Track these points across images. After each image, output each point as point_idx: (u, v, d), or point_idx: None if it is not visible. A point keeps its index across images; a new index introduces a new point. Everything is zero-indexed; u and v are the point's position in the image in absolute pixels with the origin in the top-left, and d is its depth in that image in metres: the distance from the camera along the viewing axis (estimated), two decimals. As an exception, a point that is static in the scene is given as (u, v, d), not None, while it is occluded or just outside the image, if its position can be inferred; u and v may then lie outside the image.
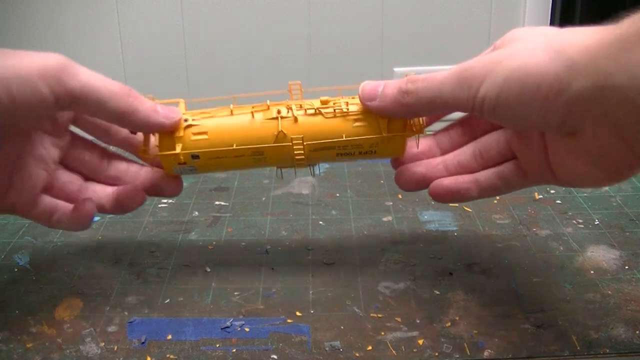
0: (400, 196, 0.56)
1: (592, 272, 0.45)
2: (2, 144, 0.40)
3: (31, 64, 0.36)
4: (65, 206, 0.44)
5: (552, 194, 0.57)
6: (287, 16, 1.30)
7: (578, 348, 0.38)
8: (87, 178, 0.45)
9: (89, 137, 0.45)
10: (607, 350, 0.38)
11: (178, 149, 0.42)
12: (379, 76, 1.35)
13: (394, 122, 0.41)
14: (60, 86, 0.36)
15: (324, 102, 0.42)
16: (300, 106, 0.42)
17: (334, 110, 0.42)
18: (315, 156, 0.42)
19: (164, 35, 1.30)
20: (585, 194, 0.56)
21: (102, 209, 0.44)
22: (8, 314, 0.42)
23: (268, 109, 0.42)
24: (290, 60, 1.33)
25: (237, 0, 1.28)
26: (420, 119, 0.41)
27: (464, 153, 0.43)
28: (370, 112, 0.41)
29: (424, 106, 0.38)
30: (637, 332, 0.39)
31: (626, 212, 0.53)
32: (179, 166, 0.43)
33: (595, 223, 0.51)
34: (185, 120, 0.42)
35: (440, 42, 1.30)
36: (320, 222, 0.52)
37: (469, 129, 0.44)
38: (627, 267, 0.46)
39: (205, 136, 0.42)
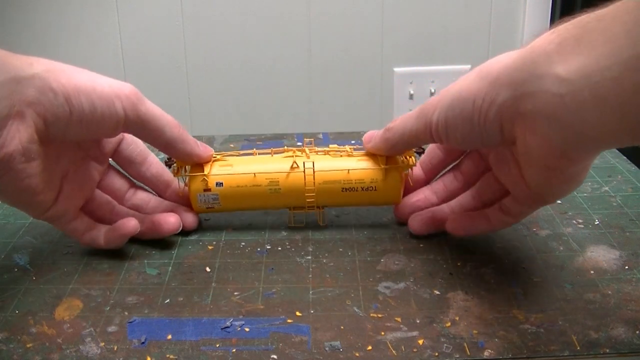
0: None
1: (592, 272, 0.45)
2: (66, 151, 0.45)
3: (109, 85, 0.42)
4: (102, 226, 0.48)
5: (552, 194, 0.56)
6: (287, 16, 1.30)
7: (578, 348, 0.38)
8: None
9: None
10: (607, 350, 0.38)
11: (206, 170, 0.49)
12: (379, 76, 1.35)
13: (390, 161, 0.49)
14: (132, 109, 0.43)
15: (332, 149, 0.51)
16: (314, 150, 0.51)
17: (341, 152, 0.51)
18: (323, 190, 0.50)
19: (164, 35, 1.30)
20: (585, 194, 0.56)
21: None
22: (8, 314, 0.42)
23: (285, 150, 0.51)
24: (291, 60, 1.33)
25: (237, 0, 1.28)
26: (412, 158, 0.49)
27: (465, 198, 0.50)
28: (371, 154, 0.50)
29: (398, 139, 0.46)
30: (637, 332, 0.39)
31: (626, 212, 0.53)
32: (204, 193, 0.50)
33: (595, 223, 0.51)
34: (215, 157, 0.50)
35: (440, 42, 1.30)
36: (321, 222, 0.52)
37: (460, 175, 0.50)
38: (627, 267, 0.46)
39: (230, 167, 0.50)
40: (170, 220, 0.48)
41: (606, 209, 0.54)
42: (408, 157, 0.50)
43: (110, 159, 0.50)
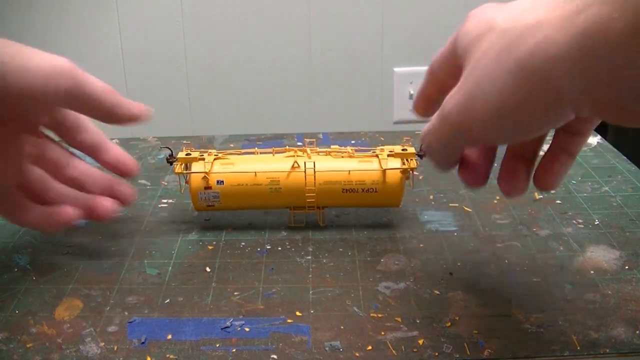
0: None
1: (592, 272, 0.45)
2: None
3: (43, 60, 0.40)
4: (38, 207, 0.46)
5: (552, 194, 0.57)
6: (287, 16, 1.30)
7: (578, 348, 0.38)
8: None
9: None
10: (607, 350, 0.38)
11: (207, 168, 0.49)
12: (379, 76, 1.35)
13: (391, 163, 0.50)
14: (69, 83, 0.40)
15: (334, 149, 0.51)
16: (315, 150, 0.52)
17: (342, 153, 0.51)
18: (323, 190, 0.50)
19: (164, 35, 1.30)
20: (585, 194, 0.56)
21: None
22: (8, 314, 0.42)
23: (287, 150, 0.51)
24: (291, 60, 1.33)
25: (237, 0, 1.28)
26: (412, 160, 0.49)
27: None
28: (372, 155, 0.50)
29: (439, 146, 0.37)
30: (637, 332, 0.39)
31: (626, 212, 0.53)
32: (205, 191, 0.50)
33: (595, 223, 0.51)
34: (216, 155, 0.51)
35: (440, 42, 1.30)
36: (320, 222, 0.52)
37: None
38: (627, 267, 0.46)
39: (231, 166, 0.50)
40: (106, 205, 0.47)
41: (606, 209, 0.54)
42: (409, 160, 0.50)
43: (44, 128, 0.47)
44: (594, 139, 0.68)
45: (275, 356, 0.38)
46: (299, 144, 0.68)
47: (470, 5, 0.36)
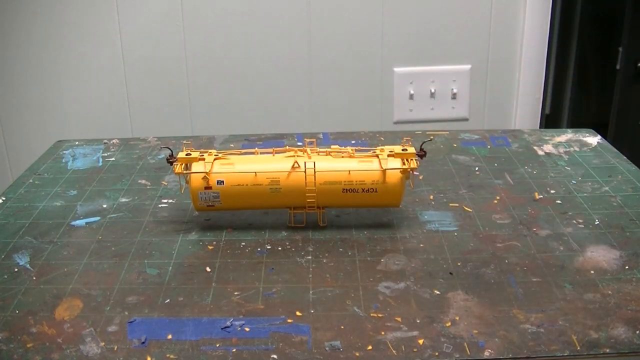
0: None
1: (592, 272, 0.45)
2: None
3: None
4: None
5: (552, 194, 0.56)
6: (288, 16, 1.30)
7: (578, 348, 0.38)
8: None
9: None
10: (607, 350, 0.38)
11: (208, 168, 0.50)
12: (379, 76, 1.35)
13: (391, 163, 0.50)
14: None
15: (334, 149, 0.51)
16: (315, 150, 0.51)
17: (342, 153, 0.51)
18: (324, 190, 0.50)
19: (164, 35, 1.30)
20: (586, 194, 0.56)
21: None
22: (8, 314, 0.42)
23: (287, 150, 0.51)
24: (291, 60, 1.33)
25: (237, 1, 1.28)
26: (413, 161, 0.50)
27: None
28: (373, 155, 0.50)
29: None
30: (637, 332, 0.39)
31: (626, 212, 0.53)
32: (205, 191, 0.50)
33: (595, 223, 0.51)
34: (216, 155, 0.51)
35: (440, 42, 1.30)
36: (320, 223, 0.52)
37: None
38: (627, 267, 0.46)
39: (231, 166, 0.50)
40: None
41: (606, 209, 0.54)
42: (409, 160, 0.50)
43: None
44: (594, 139, 0.68)
45: (275, 356, 0.38)
46: (299, 144, 0.68)
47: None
